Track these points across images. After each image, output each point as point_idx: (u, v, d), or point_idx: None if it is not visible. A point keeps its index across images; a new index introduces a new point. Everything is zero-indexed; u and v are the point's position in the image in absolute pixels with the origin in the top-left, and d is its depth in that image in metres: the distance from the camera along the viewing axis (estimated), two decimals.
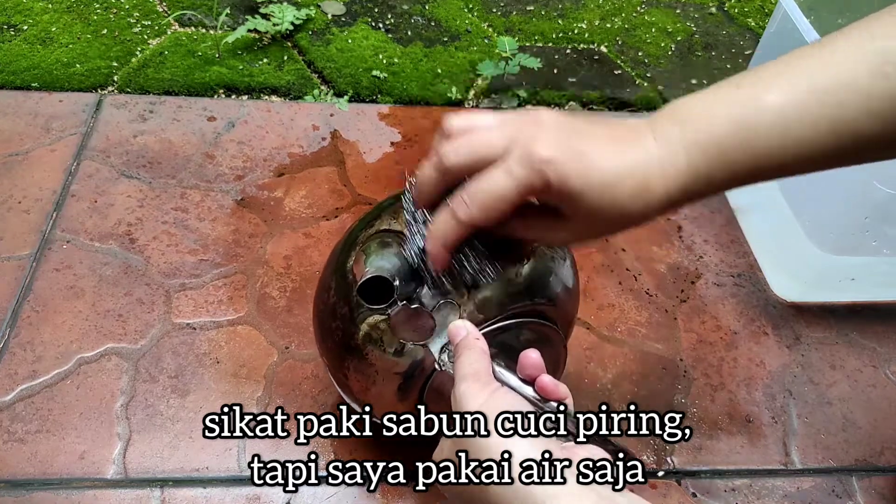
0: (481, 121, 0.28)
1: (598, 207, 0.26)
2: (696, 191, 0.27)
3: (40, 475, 0.42)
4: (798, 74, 0.26)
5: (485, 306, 0.33)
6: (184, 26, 0.74)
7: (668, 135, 0.27)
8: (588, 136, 0.27)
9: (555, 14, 0.83)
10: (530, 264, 0.35)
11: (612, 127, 0.28)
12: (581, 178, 0.26)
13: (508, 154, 0.26)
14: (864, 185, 0.46)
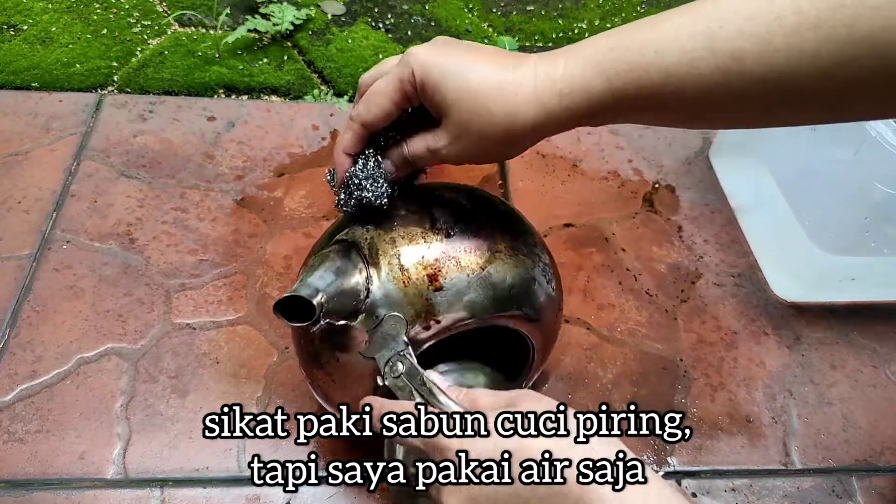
0: (387, 64, 0.31)
1: (465, 112, 0.28)
2: (573, 106, 0.27)
3: (40, 475, 0.42)
4: (696, 11, 0.25)
5: (446, 311, 0.34)
6: (184, 26, 0.74)
7: (552, 56, 0.28)
8: (472, 51, 0.29)
9: (555, 14, 0.83)
10: (507, 274, 0.35)
11: (504, 54, 0.29)
12: (445, 76, 0.28)
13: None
14: (864, 185, 0.46)
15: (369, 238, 0.35)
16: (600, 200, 0.63)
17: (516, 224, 0.38)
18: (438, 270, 0.34)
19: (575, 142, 0.67)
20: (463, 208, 0.36)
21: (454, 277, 0.34)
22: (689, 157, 0.68)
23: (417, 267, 0.34)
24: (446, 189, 0.38)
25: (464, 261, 0.34)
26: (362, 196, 0.33)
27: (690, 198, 0.64)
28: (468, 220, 0.35)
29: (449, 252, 0.34)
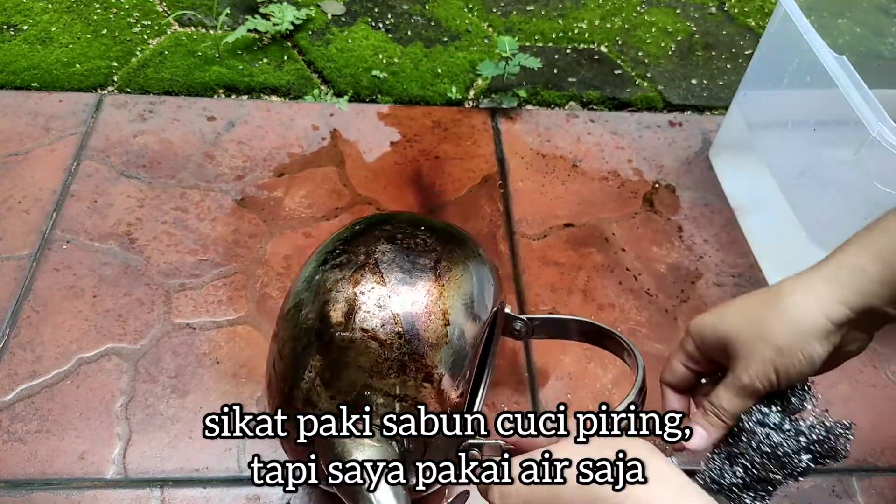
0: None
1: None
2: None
3: (40, 475, 0.42)
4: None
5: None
6: (184, 26, 0.74)
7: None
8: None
9: (555, 14, 0.83)
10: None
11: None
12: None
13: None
14: (864, 185, 0.46)
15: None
16: (600, 200, 0.63)
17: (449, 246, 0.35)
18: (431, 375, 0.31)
19: (575, 142, 0.67)
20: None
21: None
22: (689, 157, 0.68)
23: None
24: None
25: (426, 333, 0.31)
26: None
27: (690, 198, 0.64)
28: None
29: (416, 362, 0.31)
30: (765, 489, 0.31)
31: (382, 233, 0.34)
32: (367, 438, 0.31)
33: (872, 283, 0.30)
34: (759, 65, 0.60)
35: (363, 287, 0.32)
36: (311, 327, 0.32)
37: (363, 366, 0.31)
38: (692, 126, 0.70)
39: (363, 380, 0.31)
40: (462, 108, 0.70)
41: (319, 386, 0.32)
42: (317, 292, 0.33)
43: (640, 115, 0.71)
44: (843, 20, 0.67)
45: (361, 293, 0.32)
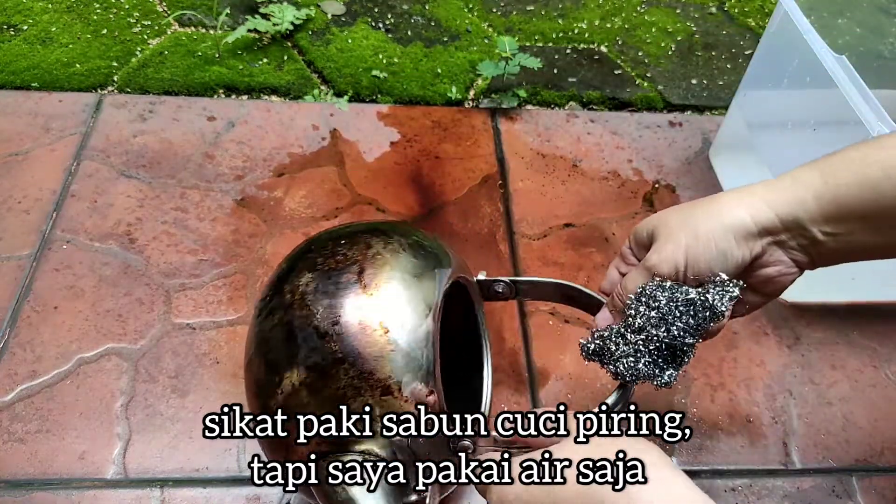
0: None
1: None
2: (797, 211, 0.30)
3: (40, 475, 0.42)
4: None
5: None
6: (184, 26, 0.74)
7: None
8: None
9: (555, 14, 0.83)
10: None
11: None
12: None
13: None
14: None
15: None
16: (600, 200, 0.63)
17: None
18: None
19: (575, 142, 0.67)
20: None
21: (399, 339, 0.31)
22: (689, 157, 0.68)
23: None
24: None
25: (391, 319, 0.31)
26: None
27: (691, 197, 0.64)
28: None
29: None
30: (655, 358, 0.31)
31: (304, 263, 0.34)
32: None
33: (806, 195, 0.30)
34: (759, 65, 0.60)
35: (297, 324, 0.32)
36: (259, 376, 0.33)
37: (321, 400, 0.31)
38: (692, 126, 0.70)
39: (324, 412, 0.31)
40: (462, 108, 0.70)
41: (284, 427, 0.33)
42: (259, 343, 0.33)
43: (641, 115, 0.71)
44: (843, 20, 0.67)
45: (298, 330, 0.32)
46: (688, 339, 0.31)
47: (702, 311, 0.30)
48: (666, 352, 0.32)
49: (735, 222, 0.31)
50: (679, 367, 0.32)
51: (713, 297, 0.30)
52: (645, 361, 0.32)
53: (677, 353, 0.32)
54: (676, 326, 0.31)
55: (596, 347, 0.34)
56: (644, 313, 0.31)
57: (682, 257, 0.31)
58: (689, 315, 0.31)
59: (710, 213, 0.31)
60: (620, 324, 0.33)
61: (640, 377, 0.32)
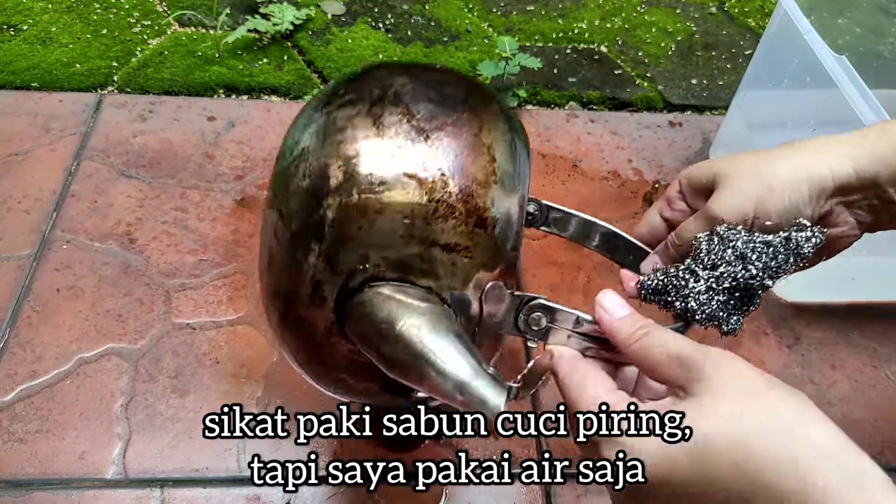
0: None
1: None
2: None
3: (40, 475, 0.42)
4: None
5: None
6: (184, 26, 0.74)
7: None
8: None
9: (555, 14, 0.83)
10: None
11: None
12: None
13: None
14: None
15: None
16: (600, 200, 0.63)
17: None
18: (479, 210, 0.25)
19: (575, 142, 0.67)
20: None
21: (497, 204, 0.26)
22: (689, 157, 0.68)
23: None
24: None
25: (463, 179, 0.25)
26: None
27: None
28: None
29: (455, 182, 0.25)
30: (727, 299, 0.28)
31: (394, 70, 0.28)
32: (416, 300, 0.24)
33: (889, 151, 0.27)
34: (759, 65, 0.60)
35: (386, 120, 0.25)
36: (322, 174, 0.26)
37: (399, 211, 0.24)
38: (692, 126, 0.70)
39: (399, 229, 0.24)
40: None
41: (337, 246, 0.25)
42: (325, 135, 0.26)
43: (640, 115, 0.71)
44: (843, 20, 0.67)
45: (385, 126, 0.25)
46: (767, 280, 0.27)
47: (783, 252, 0.27)
48: (738, 294, 0.28)
49: (814, 176, 0.28)
50: (746, 313, 0.29)
51: (797, 239, 0.27)
52: (717, 300, 0.28)
53: (750, 297, 0.28)
54: (755, 266, 0.27)
55: (659, 284, 0.30)
56: (718, 251, 0.28)
57: (751, 208, 0.28)
58: (768, 256, 0.27)
59: (788, 164, 0.28)
60: (689, 261, 0.29)
61: (709, 318, 0.28)
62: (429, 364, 0.23)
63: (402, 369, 0.24)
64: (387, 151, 0.25)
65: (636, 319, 0.26)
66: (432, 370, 0.23)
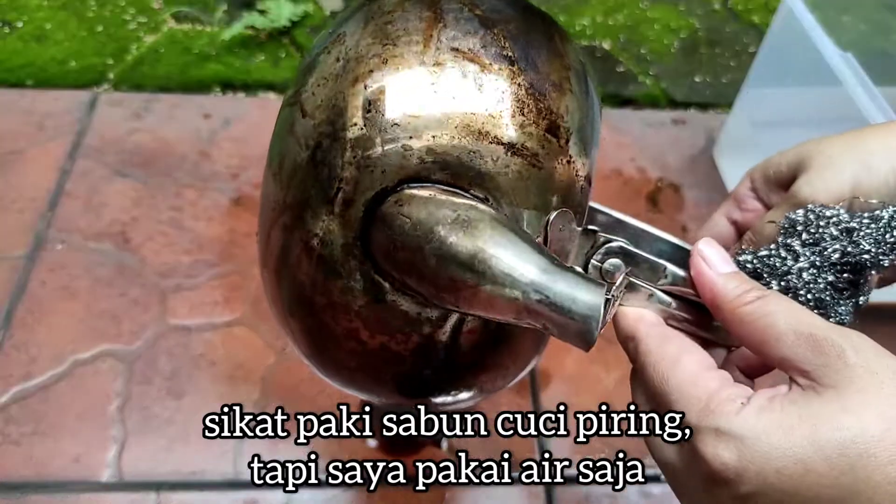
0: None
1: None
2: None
3: (35, 478, 0.41)
4: None
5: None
6: (180, 23, 0.73)
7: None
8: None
9: (557, 10, 0.82)
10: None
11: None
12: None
13: None
14: None
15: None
16: (603, 198, 0.62)
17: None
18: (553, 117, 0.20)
19: None
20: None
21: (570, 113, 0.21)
22: (693, 154, 0.67)
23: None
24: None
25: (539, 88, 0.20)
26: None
27: (695, 196, 0.63)
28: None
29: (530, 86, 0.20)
30: (835, 280, 0.22)
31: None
32: (462, 198, 0.19)
33: None
34: (764, 62, 0.59)
35: (445, 6, 0.21)
36: (361, 56, 0.21)
37: (455, 97, 0.20)
38: (696, 124, 0.70)
39: (455, 118, 0.20)
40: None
41: (375, 132, 0.20)
42: (369, 18, 0.21)
43: (644, 113, 0.71)
44: (848, 17, 0.66)
45: (445, 13, 0.21)
46: (882, 258, 0.22)
47: (893, 226, 0.22)
48: (847, 275, 0.23)
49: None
50: (857, 303, 0.23)
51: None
52: (825, 280, 0.22)
53: (860, 280, 0.23)
54: (865, 241, 0.22)
55: (753, 265, 0.23)
56: (817, 227, 0.22)
57: (847, 189, 0.23)
58: (878, 231, 0.22)
59: (888, 141, 0.23)
60: (782, 239, 0.23)
61: (816, 303, 0.23)
62: (490, 263, 0.17)
63: (451, 281, 0.18)
64: (447, 34, 0.20)
65: (746, 280, 0.20)
66: (497, 270, 0.17)
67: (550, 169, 0.21)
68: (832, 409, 0.17)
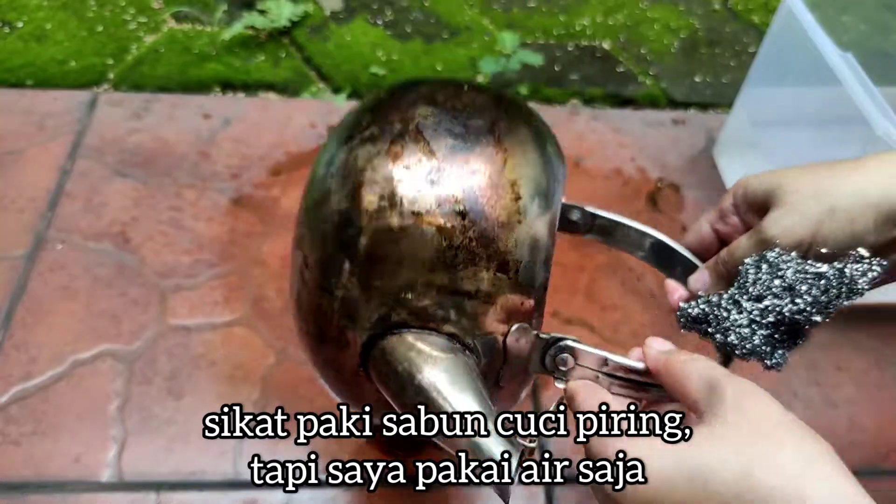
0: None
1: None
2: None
3: (35, 478, 0.41)
4: None
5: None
6: (180, 23, 0.73)
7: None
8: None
9: (557, 10, 0.82)
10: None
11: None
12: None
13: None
14: None
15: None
16: (603, 198, 0.62)
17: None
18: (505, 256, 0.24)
19: (577, 140, 0.67)
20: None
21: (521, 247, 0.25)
22: (693, 154, 0.67)
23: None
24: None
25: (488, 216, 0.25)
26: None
27: (695, 196, 0.63)
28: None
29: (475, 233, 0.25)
30: (772, 332, 0.27)
31: (418, 95, 0.27)
32: (437, 351, 0.24)
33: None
34: (764, 62, 0.59)
35: (406, 161, 0.25)
36: (343, 219, 0.25)
37: (419, 259, 0.24)
38: (696, 124, 0.70)
39: (420, 277, 0.24)
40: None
41: (359, 293, 0.25)
42: (345, 175, 0.26)
43: (644, 113, 0.71)
44: (848, 17, 0.66)
45: (405, 168, 0.25)
46: (815, 316, 0.26)
47: (836, 286, 0.26)
48: (784, 327, 0.27)
49: (881, 200, 0.26)
50: (793, 347, 0.28)
51: (852, 273, 0.26)
52: (761, 335, 0.27)
53: (797, 330, 0.27)
54: (804, 300, 0.26)
55: (700, 314, 0.28)
56: (766, 281, 0.26)
57: (809, 233, 0.26)
58: (819, 289, 0.26)
59: (853, 187, 0.26)
60: (733, 290, 0.28)
61: (751, 352, 0.27)
62: (444, 420, 0.23)
63: (418, 420, 0.24)
64: (407, 196, 0.25)
65: (676, 350, 0.26)
66: (446, 427, 0.23)
67: (505, 300, 0.25)
68: (700, 436, 0.22)
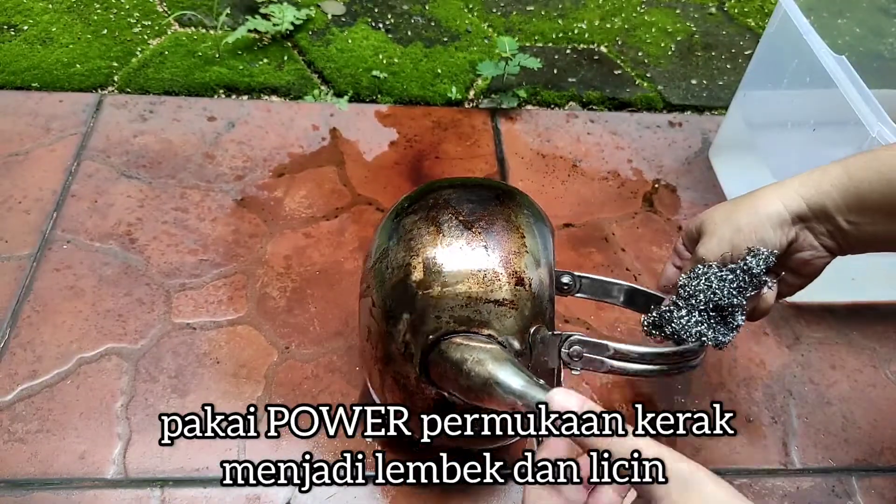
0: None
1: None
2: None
3: (40, 475, 0.42)
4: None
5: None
6: (184, 26, 0.74)
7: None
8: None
9: (555, 14, 0.83)
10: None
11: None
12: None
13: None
14: None
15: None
16: (600, 200, 0.63)
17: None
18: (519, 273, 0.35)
19: (575, 142, 0.67)
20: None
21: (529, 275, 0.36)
22: (689, 157, 0.68)
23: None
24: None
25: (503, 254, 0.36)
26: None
27: (691, 198, 0.64)
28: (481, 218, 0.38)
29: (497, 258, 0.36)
30: (707, 318, 0.37)
31: (441, 186, 0.40)
32: (480, 343, 0.34)
33: (832, 185, 0.35)
34: (759, 65, 0.60)
35: (442, 219, 0.37)
36: (403, 268, 0.36)
37: (462, 284, 0.35)
38: (692, 126, 0.71)
39: (464, 296, 0.35)
40: (462, 109, 0.70)
41: (422, 316, 0.35)
42: (399, 238, 0.38)
43: (640, 116, 0.71)
44: (843, 20, 0.67)
45: (441, 224, 0.37)
46: (733, 300, 0.36)
47: (742, 274, 0.36)
48: (714, 314, 0.37)
49: (771, 212, 0.36)
50: (730, 329, 0.37)
51: (750, 262, 0.36)
52: (696, 320, 0.37)
53: (727, 315, 0.37)
54: (721, 290, 0.36)
55: (655, 319, 0.39)
56: (695, 285, 0.37)
57: (726, 247, 0.37)
58: (730, 281, 0.36)
59: (751, 208, 0.36)
60: (674, 297, 0.38)
61: (695, 336, 0.37)
62: (494, 384, 0.31)
63: (476, 392, 0.33)
64: (445, 243, 0.36)
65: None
66: (497, 388, 0.31)
67: (524, 306, 0.35)
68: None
